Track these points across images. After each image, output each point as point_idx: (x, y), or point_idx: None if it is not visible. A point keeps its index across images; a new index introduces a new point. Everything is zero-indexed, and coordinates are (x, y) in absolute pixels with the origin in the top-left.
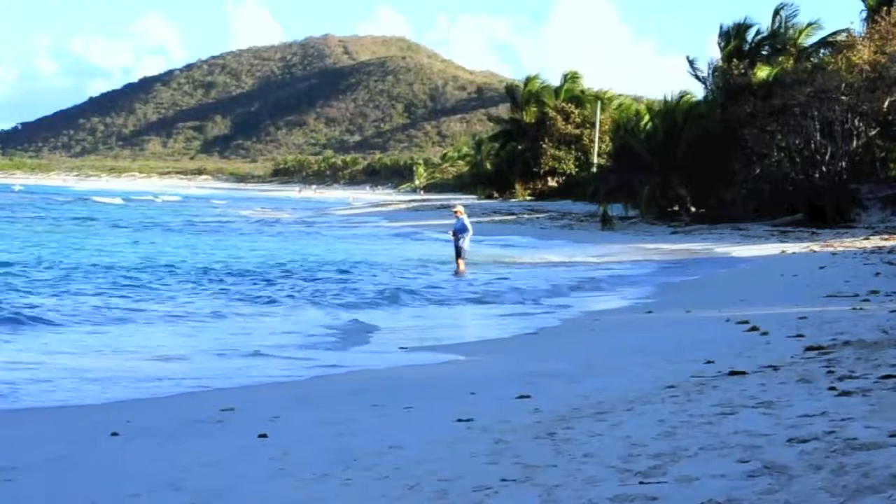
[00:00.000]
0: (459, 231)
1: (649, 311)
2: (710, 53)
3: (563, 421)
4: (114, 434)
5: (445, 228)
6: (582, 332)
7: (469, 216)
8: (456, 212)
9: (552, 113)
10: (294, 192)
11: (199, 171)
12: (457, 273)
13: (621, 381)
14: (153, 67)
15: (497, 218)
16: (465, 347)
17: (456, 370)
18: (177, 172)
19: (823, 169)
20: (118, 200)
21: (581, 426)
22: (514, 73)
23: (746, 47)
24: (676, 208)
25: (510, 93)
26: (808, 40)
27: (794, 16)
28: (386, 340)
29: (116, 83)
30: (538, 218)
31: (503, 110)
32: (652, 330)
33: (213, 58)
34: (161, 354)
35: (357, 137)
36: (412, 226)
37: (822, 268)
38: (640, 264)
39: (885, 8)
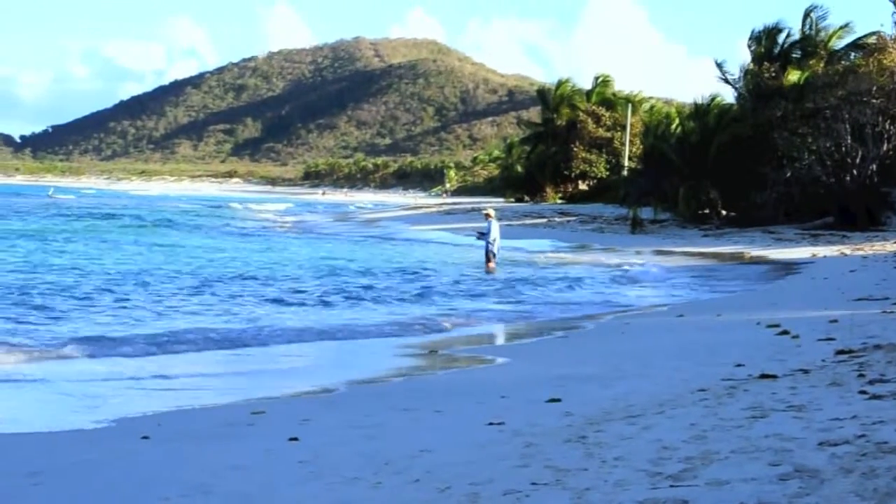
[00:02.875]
0: (487, 234)
1: (680, 315)
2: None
3: (593, 424)
4: (144, 437)
5: (478, 231)
6: (612, 336)
7: (500, 219)
8: (486, 214)
9: (583, 116)
10: (318, 194)
11: (230, 175)
12: (486, 271)
13: (652, 385)
14: (184, 70)
15: (528, 221)
16: (495, 350)
17: (486, 373)
18: (208, 176)
19: (854, 172)
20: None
21: (612, 429)
22: (545, 76)
23: (777, 50)
24: (707, 211)
25: (541, 96)
26: (839, 43)
27: (825, 18)
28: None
29: (147, 86)
30: (569, 221)
31: (534, 113)
32: (682, 333)
33: (244, 60)
34: None
35: (388, 140)
36: (443, 228)
37: (852, 271)
38: (670, 267)
39: None
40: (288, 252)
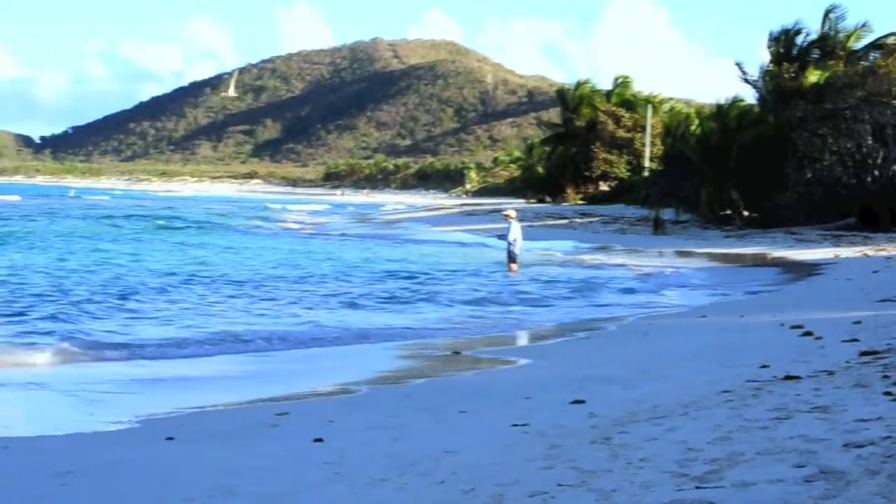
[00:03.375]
0: (507, 235)
1: (703, 316)
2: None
3: (618, 425)
4: (169, 438)
5: (499, 232)
6: (635, 337)
7: (521, 220)
8: (507, 215)
9: (603, 117)
10: (336, 195)
11: (251, 176)
12: (509, 272)
13: (676, 386)
14: (204, 71)
15: (549, 222)
16: (519, 351)
17: (510, 374)
18: (228, 176)
19: (876, 173)
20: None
21: (637, 431)
22: (564, 76)
23: (796, 51)
24: (729, 212)
25: (561, 97)
26: (858, 43)
27: (844, 18)
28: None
29: (167, 87)
30: (590, 222)
31: (554, 114)
32: (706, 334)
33: (263, 62)
34: None
35: (408, 141)
36: (465, 229)
37: (875, 272)
38: (693, 268)
39: None
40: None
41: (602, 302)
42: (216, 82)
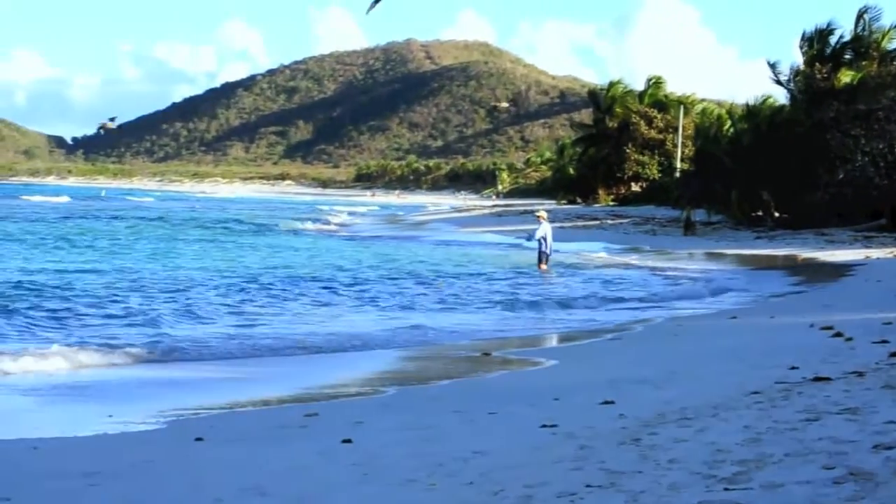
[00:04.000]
0: (534, 235)
1: (733, 317)
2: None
3: (647, 427)
4: (198, 439)
5: (526, 233)
6: (665, 338)
7: (552, 221)
8: (539, 216)
9: (635, 118)
10: (367, 195)
11: (282, 177)
12: (539, 272)
13: (705, 387)
14: (237, 72)
15: (580, 223)
16: (548, 353)
17: (538, 375)
18: (260, 178)
19: None
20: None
21: (666, 432)
22: (596, 77)
23: (829, 51)
24: (760, 213)
25: (593, 97)
26: (892, 44)
27: (878, 19)
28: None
29: (200, 88)
30: (621, 223)
31: (586, 115)
32: (736, 335)
33: (296, 63)
34: None
35: (440, 142)
36: (496, 230)
37: None
38: (724, 270)
39: None
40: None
41: (630, 305)
42: (249, 83)
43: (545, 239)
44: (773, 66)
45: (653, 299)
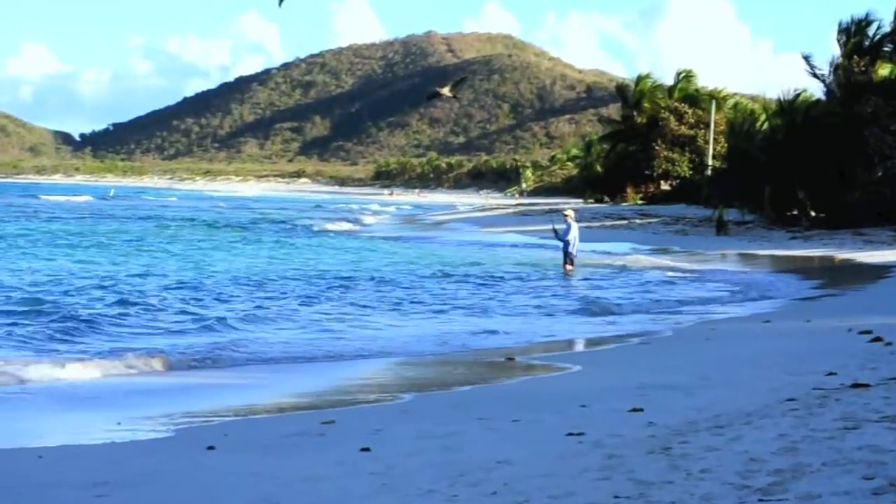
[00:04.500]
0: (565, 234)
1: (767, 321)
2: (830, 51)
3: (678, 435)
4: (210, 448)
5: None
6: (696, 342)
7: (578, 221)
8: (566, 215)
9: (665, 113)
10: (385, 194)
11: (298, 174)
12: (564, 273)
13: (738, 394)
14: (251, 66)
15: (608, 223)
16: (574, 357)
17: (565, 381)
18: (274, 175)
19: None
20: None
21: (697, 440)
22: (624, 71)
23: (867, 43)
24: (795, 212)
25: (621, 92)
26: None
27: None
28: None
29: (212, 83)
30: (650, 223)
31: (613, 110)
32: (770, 340)
33: (312, 56)
34: None
35: (461, 139)
36: (519, 230)
37: None
38: (757, 271)
39: None
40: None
41: (658, 308)
42: (263, 77)
43: (572, 239)
44: (808, 58)
45: (683, 302)
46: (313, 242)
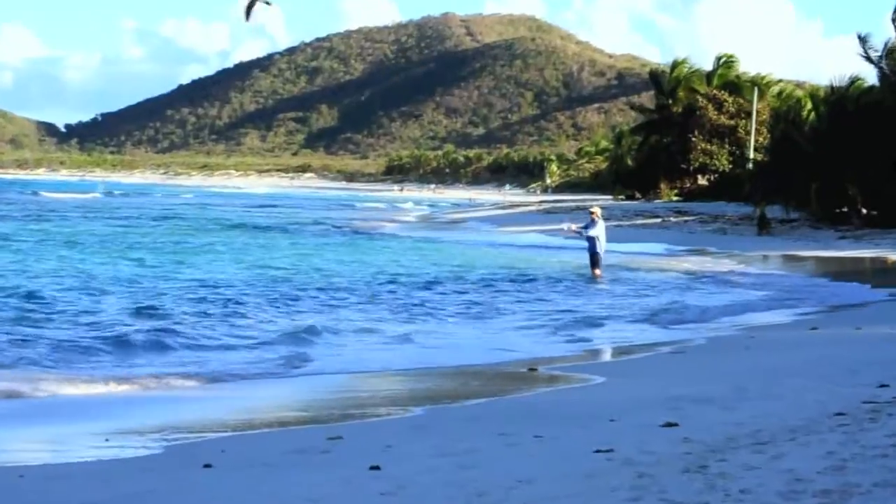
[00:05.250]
0: (587, 228)
1: (814, 328)
2: (885, 33)
3: (715, 452)
4: (206, 466)
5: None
6: (735, 351)
7: (606, 219)
8: (592, 213)
9: (703, 101)
10: (395, 190)
11: (303, 169)
12: (593, 277)
13: (782, 407)
14: (252, 51)
15: (639, 221)
16: (603, 368)
17: (593, 394)
18: (277, 170)
19: None
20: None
21: (736, 458)
22: (659, 56)
23: None
24: (845, 210)
25: (655, 79)
26: None
27: None
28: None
29: (210, 69)
30: (686, 221)
31: (646, 99)
32: (817, 349)
33: (319, 40)
34: None
35: (481, 130)
36: (541, 230)
37: None
38: (803, 274)
39: None
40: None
41: (695, 314)
42: (266, 63)
43: (598, 239)
44: (863, 40)
45: (721, 307)
46: (377, 244)
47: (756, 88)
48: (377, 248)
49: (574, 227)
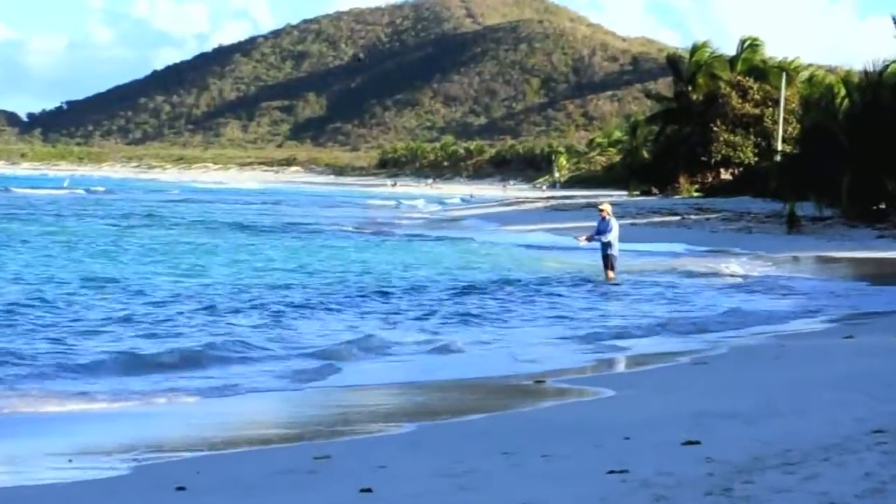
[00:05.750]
0: (600, 233)
1: (849, 337)
2: None
3: (741, 473)
4: (180, 488)
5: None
6: (763, 362)
7: (620, 217)
8: (602, 210)
9: (726, 88)
10: (388, 186)
11: (289, 162)
12: (606, 281)
13: (814, 424)
14: (233, 34)
15: (656, 219)
16: (617, 380)
17: (605, 408)
18: (260, 163)
19: None
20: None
21: (764, 480)
22: (678, 39)
23: None
24: (883, 206)
25: (673, 64)
26: None
27: None
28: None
29: (187, 53)
30: (708, 219)
31: (664, 86)
32: (853, 359)
33: (306, 22)
34: None
35: (483, 120)
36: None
37: None
38: (837, 277)
39: None
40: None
41: (718, 321)
42: (248, 47)
43: (612, 239)
44: None
45: (746, 313)
46: (406, 246)
47: (784, 74)
48: (417, 249)
49: (583, 238)
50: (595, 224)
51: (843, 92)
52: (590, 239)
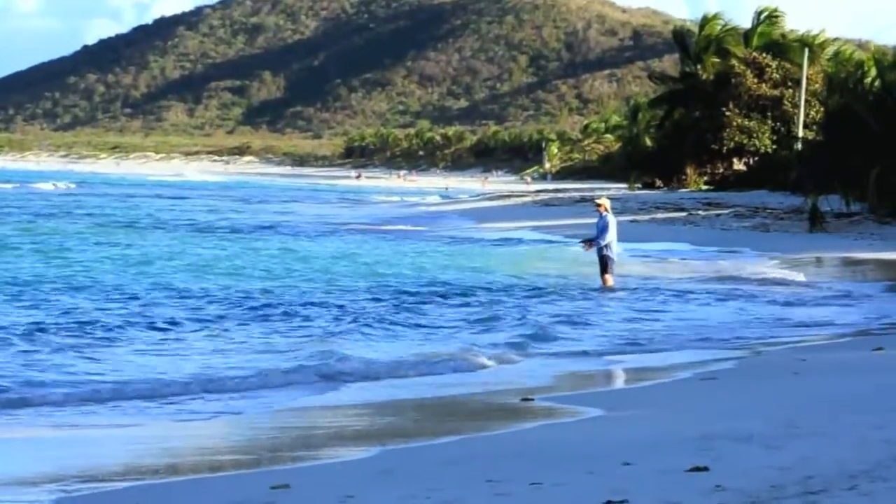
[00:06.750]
0: (600, 233)
1: (878, 348)
2: None
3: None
4: None
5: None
6: (780, 377)
7: (619, 213)
8: (599, 205)
9: (740, 67)
10: (352, 178)
11: (241, 151)
12: (603, 287)
13: (839, 448)
14: (177, 4)
15: (660, 215)
16: (614, 397)
17: (602, 430)
18: (209, 152)
19: None
20: None
21: None
22: (685, 10)
23: None
24: None
25: (679, 39)
26: None
27: None
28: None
29: (124, 26)
30: (718, 215)
31: (669, 64)
32: (882, 374)
33: None
34: None
35: (462, 103)
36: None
37: None
38: (864, 281)
39: None
40: None
41: (728, 331)
42: (193, 19)
43: (610, 239)
44: None
45: (761, 323)
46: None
47: (806, 50)
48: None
49: (588, 245)
50: (594, 222)
51: (873, 70)
52: (594, 243)
